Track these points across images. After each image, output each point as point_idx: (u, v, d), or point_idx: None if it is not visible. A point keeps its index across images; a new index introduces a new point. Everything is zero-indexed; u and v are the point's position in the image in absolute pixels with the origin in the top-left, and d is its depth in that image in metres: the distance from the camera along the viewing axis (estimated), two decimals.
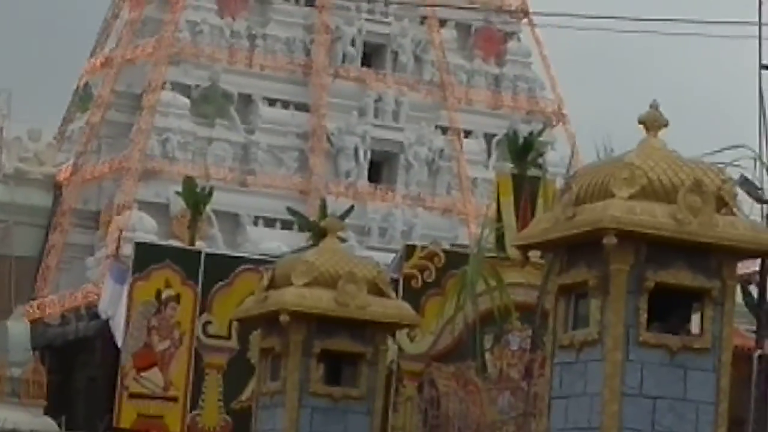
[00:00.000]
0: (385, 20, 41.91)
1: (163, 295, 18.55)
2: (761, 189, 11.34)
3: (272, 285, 12.21)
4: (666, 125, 8.39)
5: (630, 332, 7.73)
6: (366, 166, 40.47)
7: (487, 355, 13.79)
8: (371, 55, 42.39)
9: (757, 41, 13.98)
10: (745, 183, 10.85)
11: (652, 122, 8.28)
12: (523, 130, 29.82)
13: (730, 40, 26.04)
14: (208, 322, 18.39)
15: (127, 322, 19.12)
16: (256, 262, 19.21)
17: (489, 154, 42.11)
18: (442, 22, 42.76)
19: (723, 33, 25.40)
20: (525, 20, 43.64)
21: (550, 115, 42.14)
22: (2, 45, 74.53)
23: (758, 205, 11.26)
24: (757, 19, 13.84)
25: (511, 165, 18.10)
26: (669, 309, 8.04)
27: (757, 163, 11.20)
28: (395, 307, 12.39)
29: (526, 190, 15.99)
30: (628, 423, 7.65)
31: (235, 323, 16.72)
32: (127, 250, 25.82)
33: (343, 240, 15.44)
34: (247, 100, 40.46)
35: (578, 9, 30.00)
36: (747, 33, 17.16)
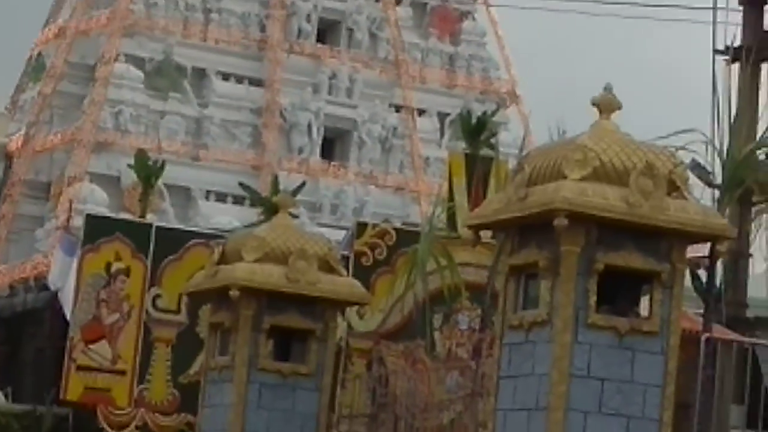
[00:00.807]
0: None
1: (113, 268, 18.47)
2: (712, 173, 11.47)
3: (223, 260, 12.23)
4: (619, 108, 8.43)
5: (579, 314, 7.81)
6: (319, 142, 40.67)
7: (436, 334, 13.88)
8: (326, 32, 42.47)
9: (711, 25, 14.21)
10: (697, 167, 10.95)
11: (606, 105, 8.30)
12: (477, 109, 30.09)
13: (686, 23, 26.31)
14: (158, 296, 18.37)
15: (76, 295, 19.01)
16: (207, 236, 19.16)
17: (442, 134, 42.52)
18: (398, 0, 42.82)
19: (676, 17, 25.65)
20: (480, 0, 43.84)
21: (504, 95, 42.62)
22: None
23: (709, 190, 11.39)
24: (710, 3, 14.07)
25: (464, 145, 18.15)
26: (618, 291, 8.16)
27: (709, 148, 11.31)
28: (345, 284, 12.43)
29: (478, 169, 16.02)
30: (575, 404, 7.78)
31: (184, 297, 16.76)
32: (78, 222, 25.71)
33: (294, 216, 15.43)
34: (201, 74, 40.38)
35: None
36: (700, 17, 17.40)
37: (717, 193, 11.40)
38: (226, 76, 40.39)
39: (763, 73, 16.59)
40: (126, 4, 38.94)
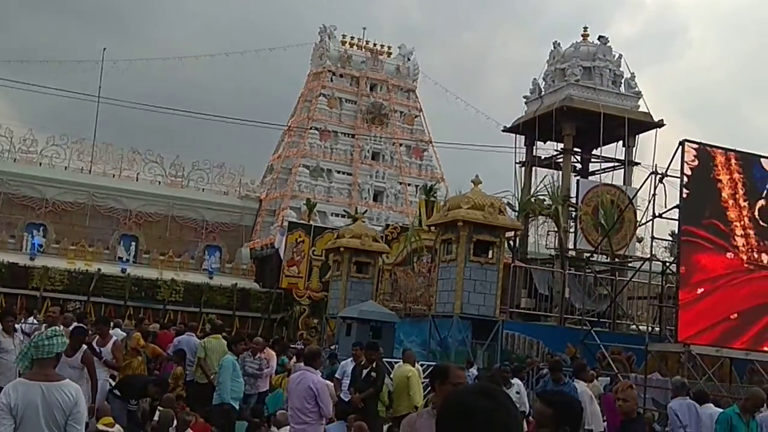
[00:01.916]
0: None
1: None
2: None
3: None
4: (479, 183, 21.97)
5: (467, 257, 20.87)
6: None
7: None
8: None
9: None
10: (509, 205, 24.83)
11: (477, 183, 21.82)
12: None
13: None
14: None
15: None
16: None
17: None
18: None
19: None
20: None
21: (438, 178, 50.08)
22: None
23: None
24: None
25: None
26: (481, 249, 21.22)
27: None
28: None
29: (429, 205, 30.01)
30: None
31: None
32: None
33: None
34: None
35: None
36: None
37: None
38: None
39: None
40: None
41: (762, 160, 21.45)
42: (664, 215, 20.90)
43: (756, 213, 20.91)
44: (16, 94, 63.62)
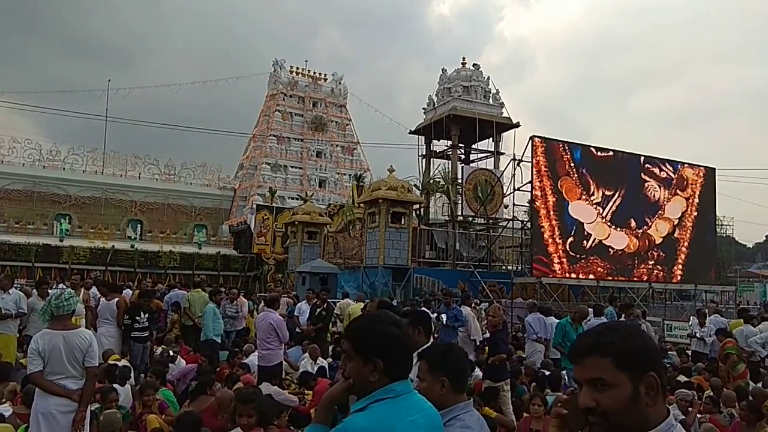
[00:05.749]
0: None
1: None
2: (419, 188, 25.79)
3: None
4: (393, 171, 21.92)
5: (386, 224, 20.94)
6: None
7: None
8: None
9: None
10: (415, 186, 24.74)
11: (392, 171, 21.77)
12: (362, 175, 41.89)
13: None
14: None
15: None
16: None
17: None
18: None
19: None
20: None
21: (366, 168, 49.75)
22: None
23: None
24: None
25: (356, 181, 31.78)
26: (398, 218, 21.26)
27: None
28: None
29: (358, 188, 29.74)
30: None
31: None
32: None
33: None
34: None
35: None
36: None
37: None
38: None
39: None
40: None
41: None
42: (521, 188, 22.11)
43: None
44: (41, 117, 63.27)
